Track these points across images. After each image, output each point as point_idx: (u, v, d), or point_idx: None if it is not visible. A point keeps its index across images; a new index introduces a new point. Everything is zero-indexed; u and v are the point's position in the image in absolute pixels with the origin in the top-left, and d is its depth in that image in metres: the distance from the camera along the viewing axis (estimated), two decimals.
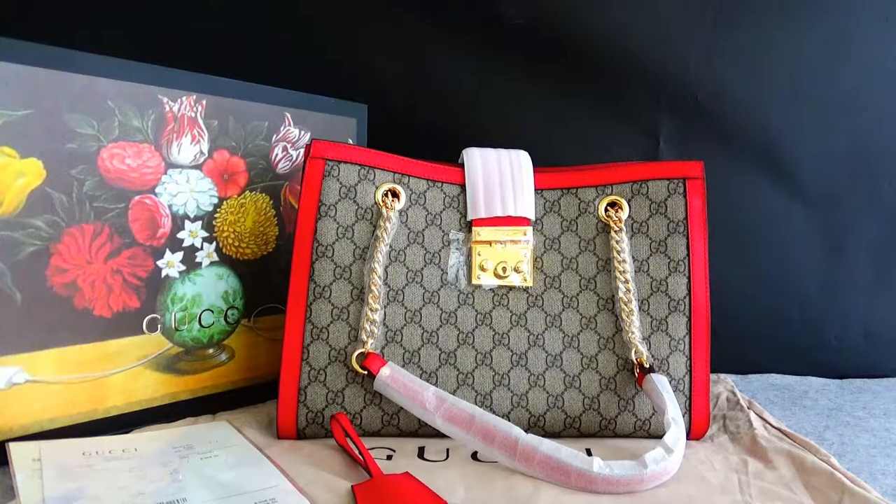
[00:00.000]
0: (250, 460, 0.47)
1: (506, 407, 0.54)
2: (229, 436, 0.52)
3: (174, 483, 0.43)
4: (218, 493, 0.42)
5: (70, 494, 0.41)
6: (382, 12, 0.82)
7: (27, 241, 0.50)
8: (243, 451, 0.49)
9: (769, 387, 0.77)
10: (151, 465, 0.46)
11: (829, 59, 0.79)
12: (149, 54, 0.57)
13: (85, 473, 0.44)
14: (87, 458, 0.46)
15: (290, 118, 0.66)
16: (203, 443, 0.50)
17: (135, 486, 0.42)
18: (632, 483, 0.44)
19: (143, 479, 0.43)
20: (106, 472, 0.44)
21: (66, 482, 0.42)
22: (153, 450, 0.48)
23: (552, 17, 0.80)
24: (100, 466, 0.45)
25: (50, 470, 0.44)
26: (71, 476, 0.43)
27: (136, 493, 0.41)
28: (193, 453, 0.48)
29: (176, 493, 0.41)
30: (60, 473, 0.44)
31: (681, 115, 0.81)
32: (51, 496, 0.40)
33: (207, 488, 0.42)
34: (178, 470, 0.45)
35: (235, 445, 0.50)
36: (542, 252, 0.56)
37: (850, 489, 0.43)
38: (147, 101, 0.56)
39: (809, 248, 0.82)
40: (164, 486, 0.42)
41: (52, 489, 0.41)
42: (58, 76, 0.50)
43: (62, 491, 0.41)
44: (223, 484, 0.43)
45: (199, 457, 0.47)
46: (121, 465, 0.45)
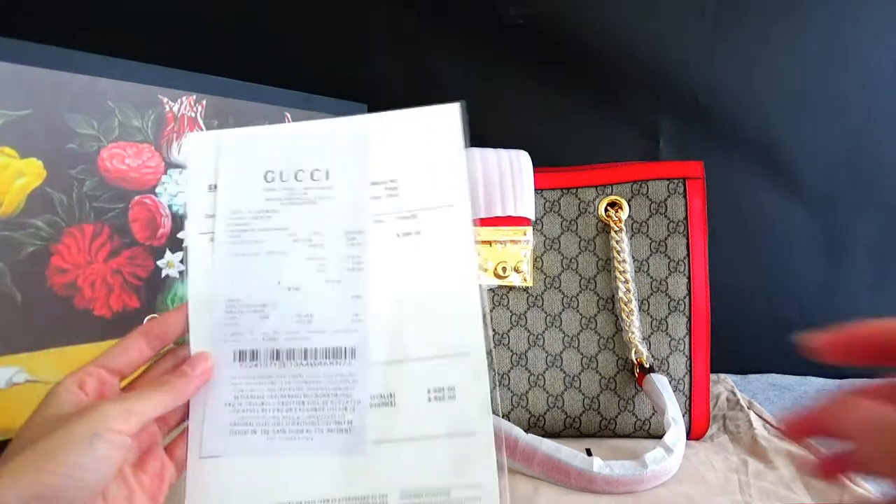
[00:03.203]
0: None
1: (506, 407, 0.54)
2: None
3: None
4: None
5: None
6: (382, 12, 0.82)
7: (27, 241, 0.50)
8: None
9: (769, 387, 0.77)
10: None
11: (829, 59, 0.79)
12: (149, 54, 0.57)
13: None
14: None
15: (290, 118, 0.66)
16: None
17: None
18: (632, 483, 0.44)
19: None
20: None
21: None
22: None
23: (552, 17, 0.80)
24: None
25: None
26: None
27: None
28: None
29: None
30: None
31: (681, 115, 0.81)
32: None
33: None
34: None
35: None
36: (542, 252, 0.56)
37: (850, 489, 0.43)
38: (147, 101, 0.56)
39: (809, 248, 0.82)
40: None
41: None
42: (58, 76, 0.50)
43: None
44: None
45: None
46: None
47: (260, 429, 0.37)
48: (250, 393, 0.37)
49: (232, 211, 0.39)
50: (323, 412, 0.37)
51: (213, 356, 0.38)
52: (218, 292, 0.38)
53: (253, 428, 0.37)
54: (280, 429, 0.37)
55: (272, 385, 0.37)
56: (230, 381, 0.38)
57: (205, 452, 0.37)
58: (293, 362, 0.38)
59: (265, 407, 0.37)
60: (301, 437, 0.37)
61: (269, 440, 0.37)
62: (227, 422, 0.37)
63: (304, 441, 0.37)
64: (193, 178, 0.40)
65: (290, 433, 0.37)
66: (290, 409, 0.37)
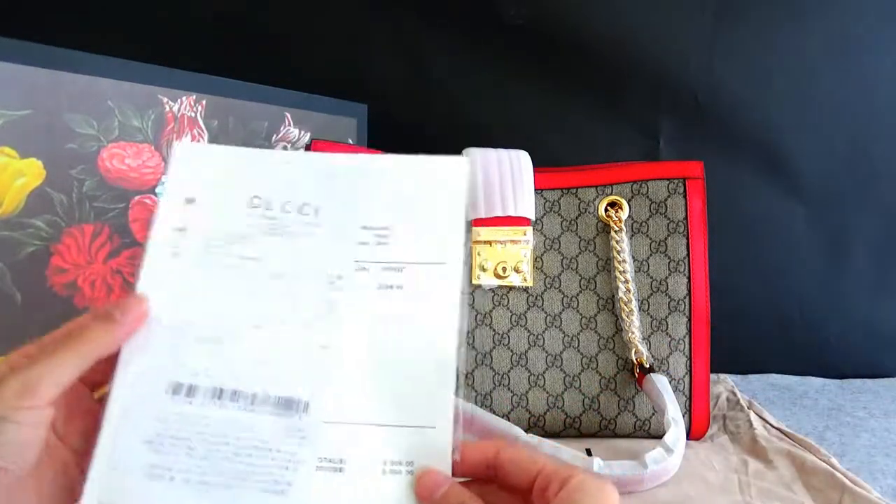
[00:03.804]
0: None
1: (506, 407, 0.54)
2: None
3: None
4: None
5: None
6: (382, 12, 0.82)
7: (27, 241, 0.50)
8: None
9: (769, 387, 0.77)
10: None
11: (830, 59, 0.79)
12: (149, 54, 0.57)
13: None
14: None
15: (290, 118, 0.66)
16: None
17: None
18: (632, 483, 0.44)
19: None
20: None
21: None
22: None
23: (552, 18, 0.80)
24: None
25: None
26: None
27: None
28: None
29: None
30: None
31: (681, 115, 0.81)
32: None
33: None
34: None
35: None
36: (542, 252, 0.56)
37: (850, 489, 0.43)
38: (147, 101, 0.56)
39: (809, 247, 0.82)
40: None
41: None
42: (58, 76, 0.50)
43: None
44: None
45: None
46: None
47: (180, 476, 0.32)
48: (177, 433, 0.32)
49: (206, 229, 0.36)
50: (259, 468, 0.32)
51: (141, 382, 0.33)
52: (167, 314, 0.34)
53: (172, 475, 0.31)
54: (204, 480, 0.32)
55: (205, 428, 0.32)
56: (156, 414, 0.32)
57: (106, 497, 0.31)
58: (236, 405, 0.33)
59: (192, 452, 0.32)
60: (227, 493, 0.31)
61: (189, 492, 0.31)
62: (144, 463, 0.32)
63: (231, 498, 0.31)
64: (171, 187, 0.37)
65: (216, 486, 0.32)
66: (220, 459, 0.32)
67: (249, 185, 0.38)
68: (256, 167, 0.38)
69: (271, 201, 0.37)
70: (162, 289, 0.35)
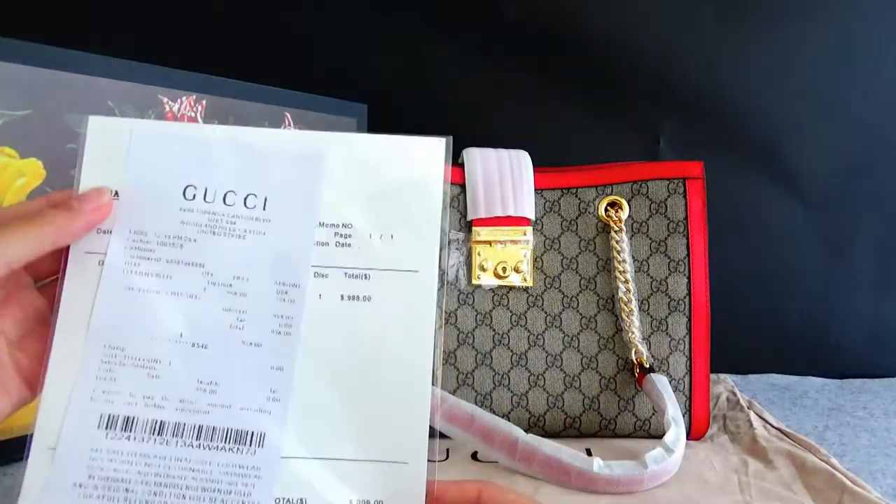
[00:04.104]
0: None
1: (506, 407, 0.54)
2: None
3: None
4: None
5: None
6: (382, 12, 0.82)
7: None
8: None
9: (769, 387, 0.77)
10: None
11: (830, 59, 0.79)
12: (149, 54, 0.57)
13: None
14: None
15: (290, 118, 0.66)
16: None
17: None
18: (632, 483, 0.44)
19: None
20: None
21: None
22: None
23: (552, 17, 0.80)
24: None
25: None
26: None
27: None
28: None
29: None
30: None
31: (681, 115, 0.81)
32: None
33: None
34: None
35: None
36: (542, 252, 0.56)
37: (850, 489, 0.43)
38: (147, 101, 0.56)
39: (809, 248, 0.82)
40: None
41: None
42: (58, 76, 0.50)
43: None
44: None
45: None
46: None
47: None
48: (113, 473, 0.28)
49: (134, 230, 0.31)
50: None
51: (70, 414, 0.29)
52: (95, 333, 0.30)
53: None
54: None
55: (145, 467, 0.28)
56: (88, 453, 0.29)
57: None
58: (180, 441, 0.29)
59: (130, 496, 0.28)
60: None
61: None
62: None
63: None
64: (87, 177, 0.31)
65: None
66: (163, 503, 0.28)
67: (182, 171, 0.32)
68: (190, 148, 0.32)
69: (209, 190, 0.32)
70: (88, 303, 0.30)
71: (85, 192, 0.30)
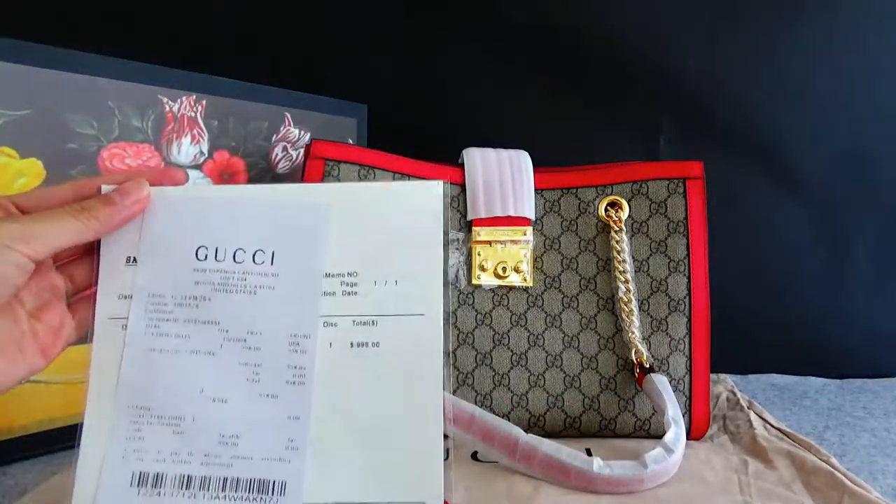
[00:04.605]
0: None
1: (506, 407, 0.54)
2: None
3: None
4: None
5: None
6: (382, 12, 0.82)
7: None
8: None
9: (769, 387, 0.77)
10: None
11: (830, 59, 0.79)
12: (149, 54, 0.57)
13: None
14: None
15: (290, 118, 0.66)
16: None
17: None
18: (632, 483, 0.44)
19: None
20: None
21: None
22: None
23: (552, 17, 0.80)
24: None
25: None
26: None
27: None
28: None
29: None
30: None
31: (681, 115, 0.81)
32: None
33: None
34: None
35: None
36: (542, 252, 0.56)
37: (850, 489, 0.43)
38: (147, 101, 0.56)
39: (809, 247, 0.82)
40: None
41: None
42: (58, 76, 0.50)
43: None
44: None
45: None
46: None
47: None
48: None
49: (153, 294, 0.33)
50: None
51: (104, 474, 0.30)
52: (123, 395, 0.31)
53: None
54: None
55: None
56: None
57: None
58: (207, 494, 0.30)
59: None
60: None
61: None
62: None
63: None
64: (107, 246, 0.33)
65: None
66: None
67: (194, 232, 0.33)
68: (200, 208, 0.34)
69: (220, 249, 0.33)
70: (115, 367, 0.32)
71: (125, 185, 0.32)
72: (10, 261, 0.28)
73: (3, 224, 0.29)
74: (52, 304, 0.33)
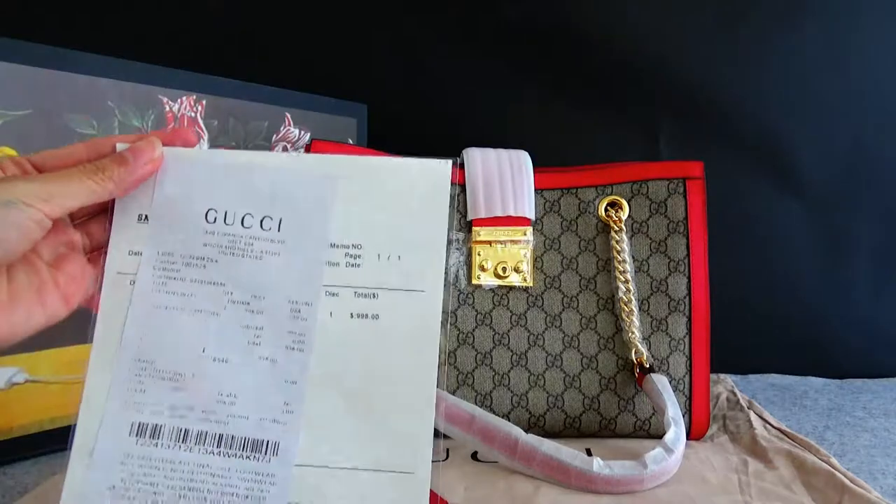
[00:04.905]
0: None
1: (506, 407, 0.54)
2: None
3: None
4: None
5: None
6: (382, 12, 0.82)
7: None
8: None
9: (769, 387, 0.77)
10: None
11: (830, 59, 0.79)
12: (149, 54, 0.58)
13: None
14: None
15: (290, 118, 0.66)
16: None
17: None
18: (632, 483, 0.44)
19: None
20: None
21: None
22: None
23: (552, 18, 0.80)
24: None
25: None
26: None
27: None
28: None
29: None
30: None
31: (681, 115, 0.81)
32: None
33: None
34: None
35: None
36: (542, 252, 0.56)
37: (850, 489, 0.43)
38: (147, 101, 0.56)
39: (809, 248, 0.82)
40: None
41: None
42: (58, 76, 0.51)
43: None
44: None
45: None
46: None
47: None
48: (142, 478, 0.31)
49: (162, 252, 0.33)
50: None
51: (105, 422, 0.31)
52: (127, 348, 0.32)
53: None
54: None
55: (171, 473, 0.31)
56: (121, 458, 0.31)
57: None
58: (203, 448, 0.31)
59: (157, 498, 0.31)
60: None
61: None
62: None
63: None
64: (121, 202, 0.34)
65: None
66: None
67: (205, 196, 0.34)
68: (211, 173, 0.34)
69: (229, 213, 0.34)
70: (120, 320, 0.33)
71: (138, 145, 0.33)
72: (29, 217, 0.29)
73: (22, 182, 0.30)
74: (70, 256, 0.34)
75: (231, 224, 0.34)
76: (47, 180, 0.30)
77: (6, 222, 0.29)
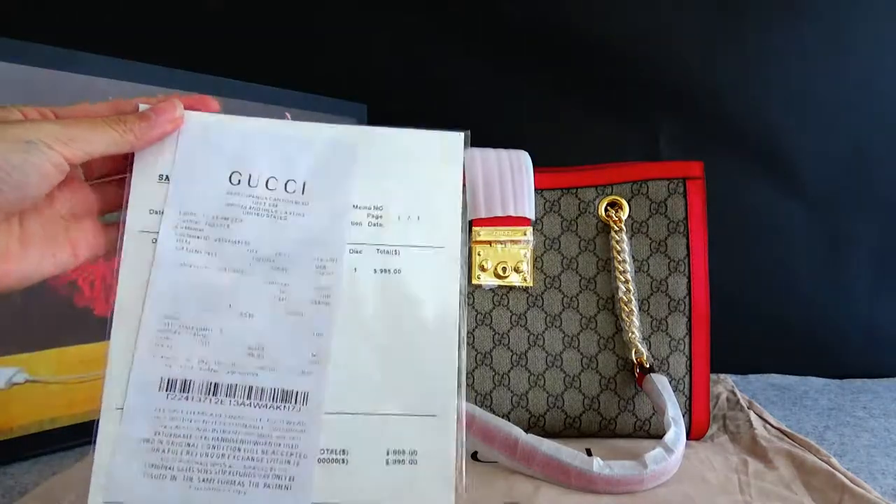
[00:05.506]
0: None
1: (506, 407, 0.54)
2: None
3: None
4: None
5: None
6: (382, 12, 0.82)
7: None
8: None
9: (769, 387, 0.77)
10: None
11: (830, 59, 0.79)
12: (149, 54, 0.57)
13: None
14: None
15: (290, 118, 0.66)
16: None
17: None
18: (632, 483, 0.44)
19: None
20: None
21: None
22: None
23: (553, 18, 0.80)
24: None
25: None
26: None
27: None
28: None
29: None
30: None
31: (681, 115, 0.81)
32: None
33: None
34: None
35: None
36: (542, 252, 0.56)
37: (850, 489, 0.43)
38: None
39: (810, 248, 0.82)
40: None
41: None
42: (58, 76, 0.50)
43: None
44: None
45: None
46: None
47: (182, 475, 0.31)
48: (175, 430, 0.32)
49: (184, 212, 0.34)
50: (261, 463, 0.32)
51: (134, 379, 0.32)
52: (153, 304, 0.33)
53: (173, 473, 0.31)
54: (207, 478, 0.31)
55: (203, 424, 0.32)
56: (153, 412, 0.32)
57: (110, 496, 0.31)
58: (233, 400, 0.32)
59: (191, 449, 0.31)
60: (231, 489, 0.31)
61: (192, 490, 0.31)
62: (143, 462, 0.31)
63: (235, 494, 0.31)
64: (141, 162, 0.34)
65: (219, 484, 0.31)
66: (221, 456, 0.32)
67: (229, 158, 0.35)
68: (235, 137, 0.35)
69: (253, 176, 0.35)
70: (144, 278, 0.33)
71: (160, 104, 0.34)
72: (48, 159, 0.29)
73: (43, 124, 0.30)
74: (84, 214, 0.34)
75: (255, 186, 0.35)
76: (69, 124, 0.31)
77: (26, 164, 0.29)
